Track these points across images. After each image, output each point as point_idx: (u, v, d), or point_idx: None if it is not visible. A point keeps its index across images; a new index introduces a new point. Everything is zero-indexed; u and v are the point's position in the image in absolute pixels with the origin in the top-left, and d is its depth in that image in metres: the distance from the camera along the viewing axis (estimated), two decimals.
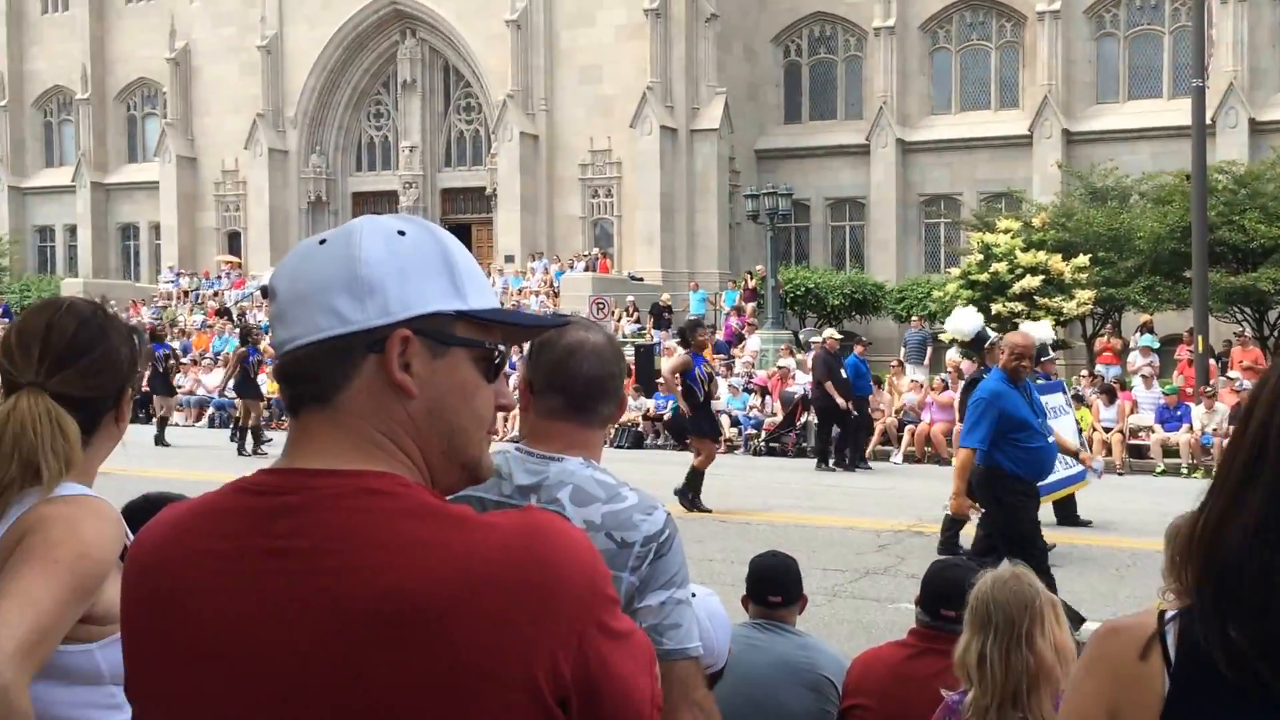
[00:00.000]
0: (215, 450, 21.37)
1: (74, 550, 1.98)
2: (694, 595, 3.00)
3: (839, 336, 20.98)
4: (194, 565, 1.39)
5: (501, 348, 1.47)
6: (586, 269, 35.38)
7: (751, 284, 32.83)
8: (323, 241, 1.43)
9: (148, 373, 21.71)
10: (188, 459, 19.79)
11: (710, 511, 13.85)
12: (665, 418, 22.73)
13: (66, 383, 2.12)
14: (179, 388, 27.64)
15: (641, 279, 35.35)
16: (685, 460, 15.37)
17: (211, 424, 28.21)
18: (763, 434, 22.70)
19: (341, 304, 1.38)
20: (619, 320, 31.67)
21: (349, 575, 1.31)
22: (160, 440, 21.93)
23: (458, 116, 42.06)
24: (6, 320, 37.34)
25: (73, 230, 49.21)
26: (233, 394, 22.97)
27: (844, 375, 19.62)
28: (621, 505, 2.37)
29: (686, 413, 14.48)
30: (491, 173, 39.57)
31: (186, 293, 40.14)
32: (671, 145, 36.81)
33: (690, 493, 14.01)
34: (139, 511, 2.19)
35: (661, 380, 22.67)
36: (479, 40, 39.21)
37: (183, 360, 30.38)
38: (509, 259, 37.85)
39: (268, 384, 21.66)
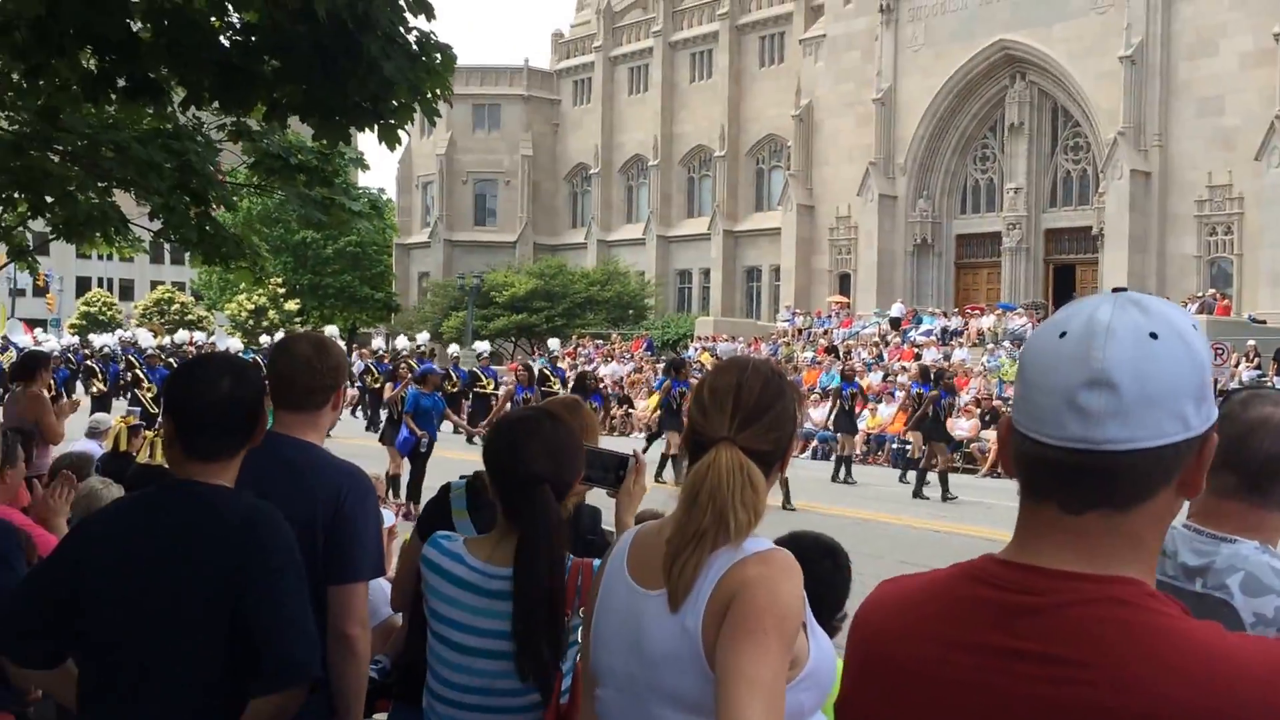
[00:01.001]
0: (879, 488, 21.07)
1: (777, 615, 2.09)
2: None
3: None
4: (926, 648, 1.41)
5: None
6: (1200, 310, 33.34)
7: None
8: (1154, 335, 1.36)
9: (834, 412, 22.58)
10: (858, 497, 19.57)
11: None
12: None
13: (753, 438, 2.22)
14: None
15: (1264, 322, 32.73)
16: None
17: (814, 456, 28.40)
18: None
19: (1189, 410, 1.35)
20: (1237, 367, 29.61)
21: (1095, 689, 1.28)
22: (845, 478, 21.51)
23: (1064, 157, 41.53)
24: (650, 354, 41.98)
25: (706, 273, 54.57)
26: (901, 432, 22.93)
27: None
28: None
29: None
30: (1098, 212, 38.66)
31: (800, 330, 42.70)
32: None
33: None
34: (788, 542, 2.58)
35: None
36: (1089, 79, 38.56)
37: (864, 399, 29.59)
38: None
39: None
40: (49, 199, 9.14)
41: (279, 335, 49.22)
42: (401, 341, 40.61)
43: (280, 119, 7.33)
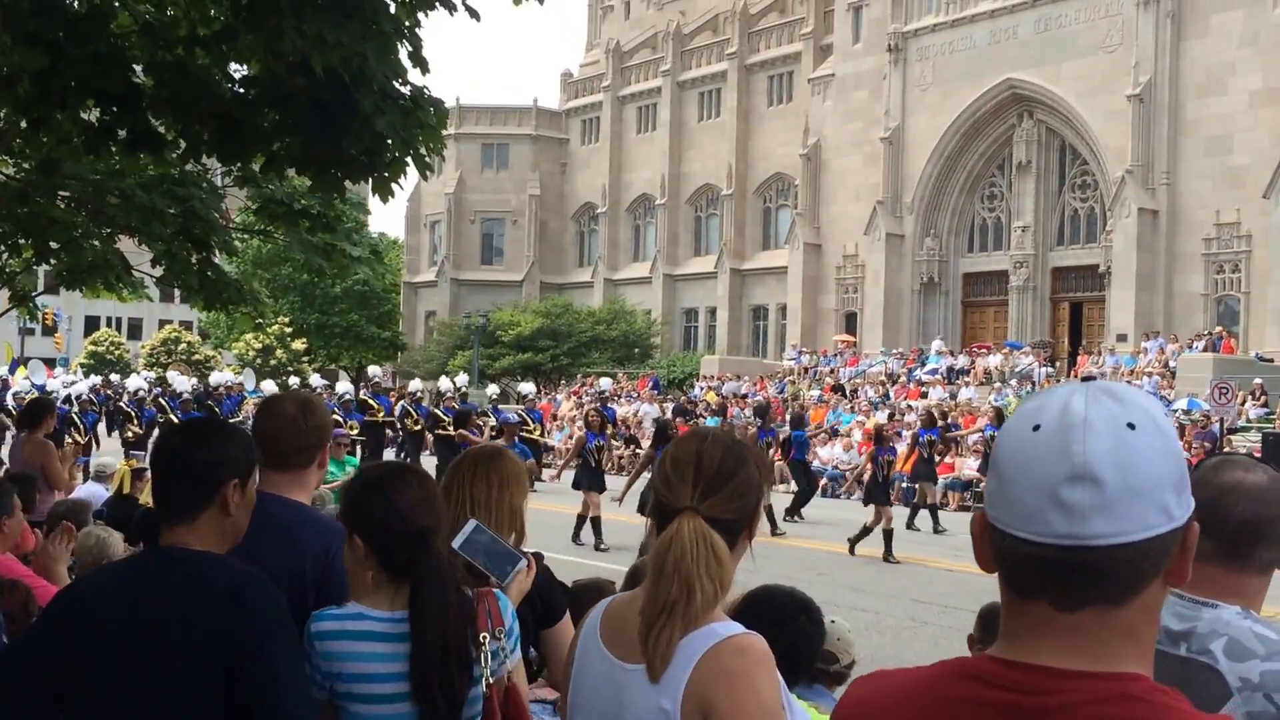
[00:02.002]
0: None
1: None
2: None
3: None
4: None
5: None
6: (1207, 349, 33.14)
7: None
8: (1132, 426, 1.35)
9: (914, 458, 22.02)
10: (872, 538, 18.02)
11: None
12: None
13: (714, 507, 2.24)
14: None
15: (1272, 360, 32.50)
16: None
17: (823, 494, 27.38)
18: None
19: (1171, 500, 1.35)
20: (1243, 404, 29.33)
21: None
22: (937, 528, 20.85)
23: (1072, 195, 41.41)
24: (655, 392, 41.73)
25: (712, 312, 54.57)
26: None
27: None
28: None
29: None
30: (1106, 250, 38.50)
31: (806, 369, 42.56)
32: None
33: None
34: None
35: None
36: (1097, 117, 38.51)
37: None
38: (1121, 338, 36.44)
39: None
40: (54, 245, 9.35)
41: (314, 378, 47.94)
42: (444, 384, 39.30)
43: (278, 171, 7.45)
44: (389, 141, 6.75)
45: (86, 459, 20.35)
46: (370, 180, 7.09)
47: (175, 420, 27.42)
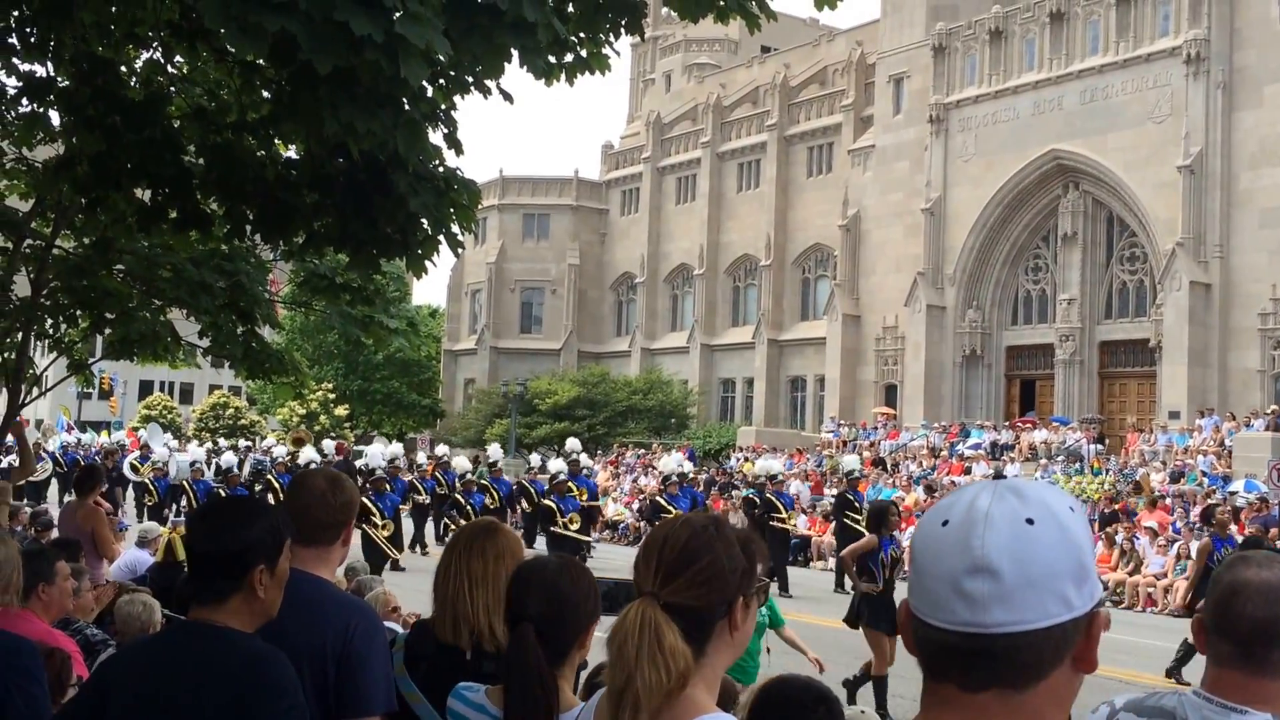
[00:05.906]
0: None
1: None
2: None
3: None
4: None
5: None
6: (1268, 428, 31.87)
7: None
8: (1030, 521, 1.44)
9: None
10: None
11: None
12: None
13: (677, 593, 2.15)
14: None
15: None
16: None
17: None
18: None
19: (1070, 591, 1.43)
20: None
21: None
22: None
23: (1120, 267, 40.36)
24: (691, 462, 40.86)
25: (750, 382, 53.92)
26: None
27: None
28: None
29: None
30: (1156, 324, 37.36)
31: (845, 442, 41.66)
32: None
33: None
34: None
35: None
36: (1146, 189, 37.62)
37: None
38: (1174, 415, 35.21)
39: None
40: (109, 315, 9.98)
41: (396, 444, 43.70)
42: (668, 465, 33.80)
43: (317, 248, 7.84)
44: (423, 221, 7.05)
45: (128, 524, 18.88)
46: (404, 258, 7.36)
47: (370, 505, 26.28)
